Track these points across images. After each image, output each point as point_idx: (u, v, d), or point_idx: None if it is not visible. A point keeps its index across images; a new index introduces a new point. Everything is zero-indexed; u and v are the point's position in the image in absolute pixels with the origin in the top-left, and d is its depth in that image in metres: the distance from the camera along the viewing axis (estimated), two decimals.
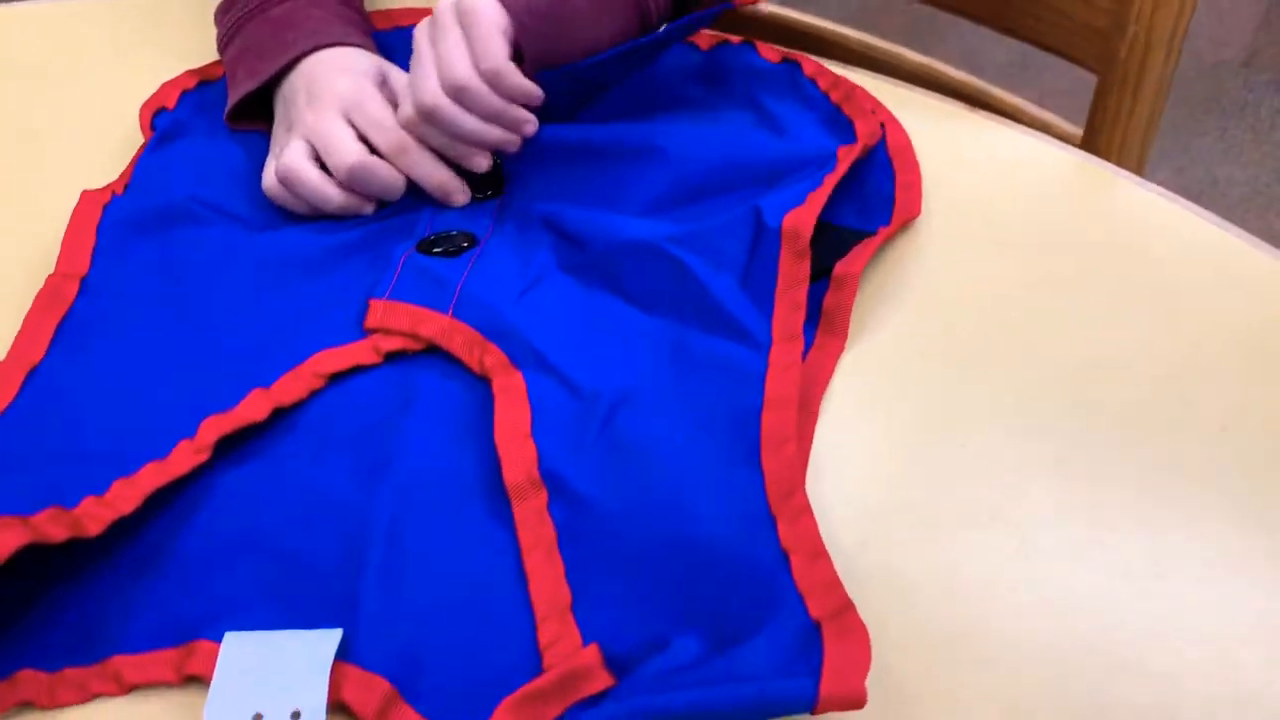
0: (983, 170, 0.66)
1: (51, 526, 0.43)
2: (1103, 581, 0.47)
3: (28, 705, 0.43)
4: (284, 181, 0.60)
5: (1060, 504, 0.50)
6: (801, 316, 0.54)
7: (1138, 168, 0.81)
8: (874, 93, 0.69)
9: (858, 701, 0.39)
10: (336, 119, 0.60)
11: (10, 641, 0.44)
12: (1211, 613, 0.46)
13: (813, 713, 0.39)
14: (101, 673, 0.43)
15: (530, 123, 0.60)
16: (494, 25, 0.58)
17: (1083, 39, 0.79)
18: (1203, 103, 1.85)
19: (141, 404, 0.51)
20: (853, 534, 0.48)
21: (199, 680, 0.44)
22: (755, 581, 0.44)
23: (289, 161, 0.60)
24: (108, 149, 0.68)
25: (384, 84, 0.63)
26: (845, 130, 0.65)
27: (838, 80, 0.69)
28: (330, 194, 0.60)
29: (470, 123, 0.59)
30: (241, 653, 0.42)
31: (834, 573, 0.44)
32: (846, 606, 0.42)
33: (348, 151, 0.60)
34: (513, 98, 0.59)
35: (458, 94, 0.58)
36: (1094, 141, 0.81)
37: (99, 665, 0.43)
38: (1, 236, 0.63)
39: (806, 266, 0.56)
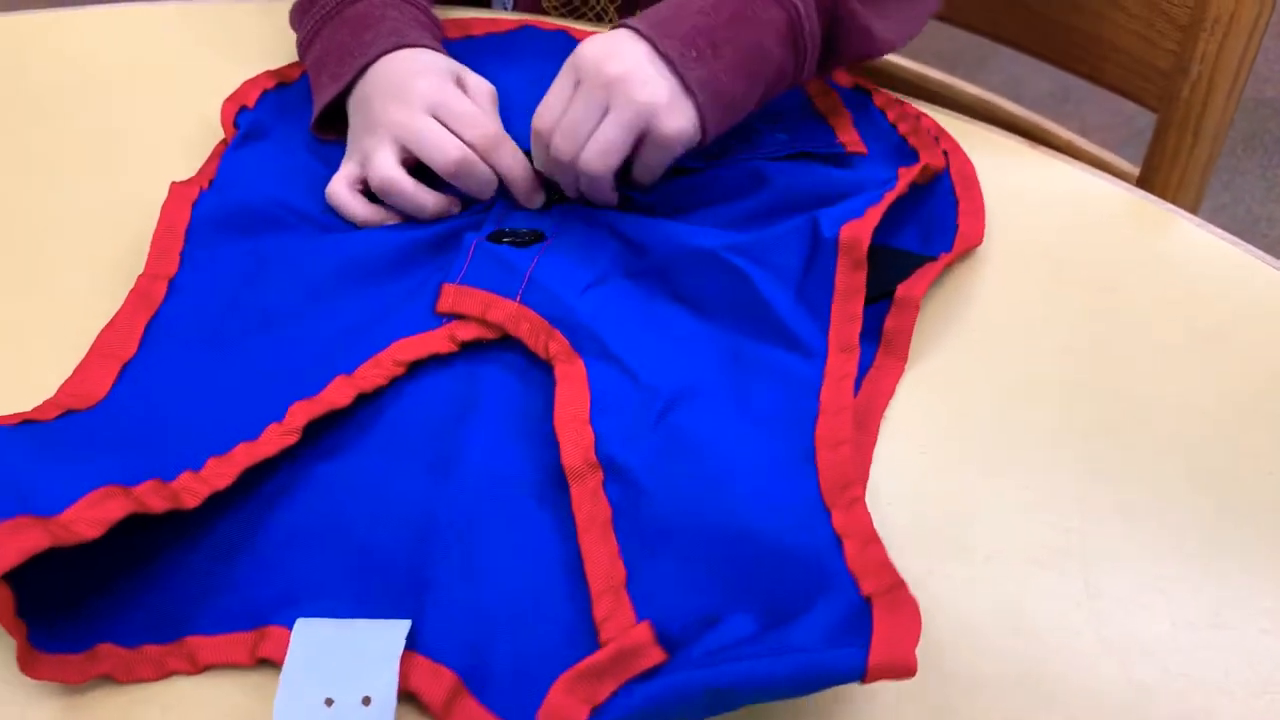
0: (1043, 206, 0.66)
1: (152, 498, 0.45)
2: (1166, 629, 0.47)
3: (106, 678, 0.44)
4: (381, 192, 0.61)
5: (1122, 547, 0.49)
6: (857, 328, 0.55)
7: (1193, 207, 0.81)
8: None
9: (907, 670, 0.39)
10: (427, 117, 0.61)
11: (92, 617, 0.45)
12: (1277, 664, 0.45)
13: (862, 681, 0.40)
14: (177, 651, 0.45)
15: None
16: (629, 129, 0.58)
17: (1143, 77, 0.79)
18: (1244, 140, 1.84)
19: (231, 393, 0.53)
20: (915, 568, 0.48)
21: (270, 663, 0.45)
22: (808, 566, 0.45)
23: (383, 172, 0.61)
24: (183, 143, 0.69)
25: (459, 85, 0.64)
26: (910, 160, 0.65)
27: (905, 112, 0.69)
28: (425, 200, 0.61)
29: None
30: (313, 638, 0.44)
31: (886, 556, 0.44)
32: (898, 584, 0.43)
33: (452, 146, 0.60)
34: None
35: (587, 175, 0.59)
36: (1151, 179, 0.81)
37: (175, 644, 0.45)
38: (88, 225, 0.64)
39: (863, 278, 0.56)
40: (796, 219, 0.58)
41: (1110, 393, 0.56)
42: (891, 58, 0.93)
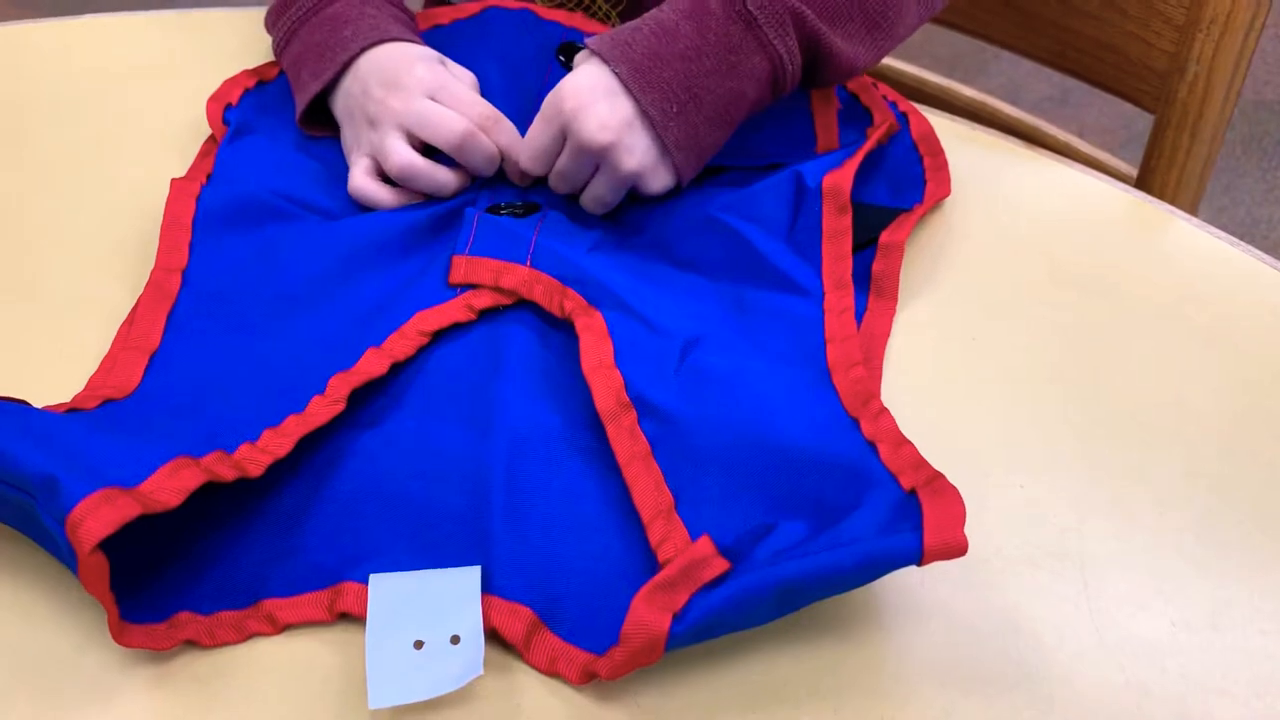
0: (1042, 209, 0.66)
1: (220, 467, 0.47)
2: (1164, 630, 0.47)
3: (191, 643, 0.46)
4: (402, 179, 0.63)
5: (1120, 548, 0.49)
6: (848, 266, 0.59)
7: (1191, 208, 0.81)
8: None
9: (959, 549, 0.42)
10: (426, 100, 0.63)
11: (166, 588, 0.47)
12: (1276, 665, 0.45)
13: (920, 563, 0.42)
14: (256, 614, 0.47)
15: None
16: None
17: (1139, 78, 0.79)
18: (1243, 143, 1.84)
19: (266, 373, 0.55)
20: (913, 570, 0.48)
21: (349, 618, 0.47)
22: (847, 471, 0.48)
23: (401, 160, 0.62)
24: (172, 143, 0.69)
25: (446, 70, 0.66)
26: (864, 119, 0.68)
27: (862, 81, 0.70)
28: (446, 179, 0.63)
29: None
30: (390, 590, 0.46)
31: (919, 455, 0.48)
32: (937, 475, 0.46)
33: (455, 121, 0.62)
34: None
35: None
36: (1149, 180, 0.81)
37: (252, 608, 0.47)
38: (85, 225, 0.65)
39: (848, 221, 0.60)
40: (778, 175, 0.61)
41: (1109, 393, 0.56)
42: (889, 61, 0.93)
